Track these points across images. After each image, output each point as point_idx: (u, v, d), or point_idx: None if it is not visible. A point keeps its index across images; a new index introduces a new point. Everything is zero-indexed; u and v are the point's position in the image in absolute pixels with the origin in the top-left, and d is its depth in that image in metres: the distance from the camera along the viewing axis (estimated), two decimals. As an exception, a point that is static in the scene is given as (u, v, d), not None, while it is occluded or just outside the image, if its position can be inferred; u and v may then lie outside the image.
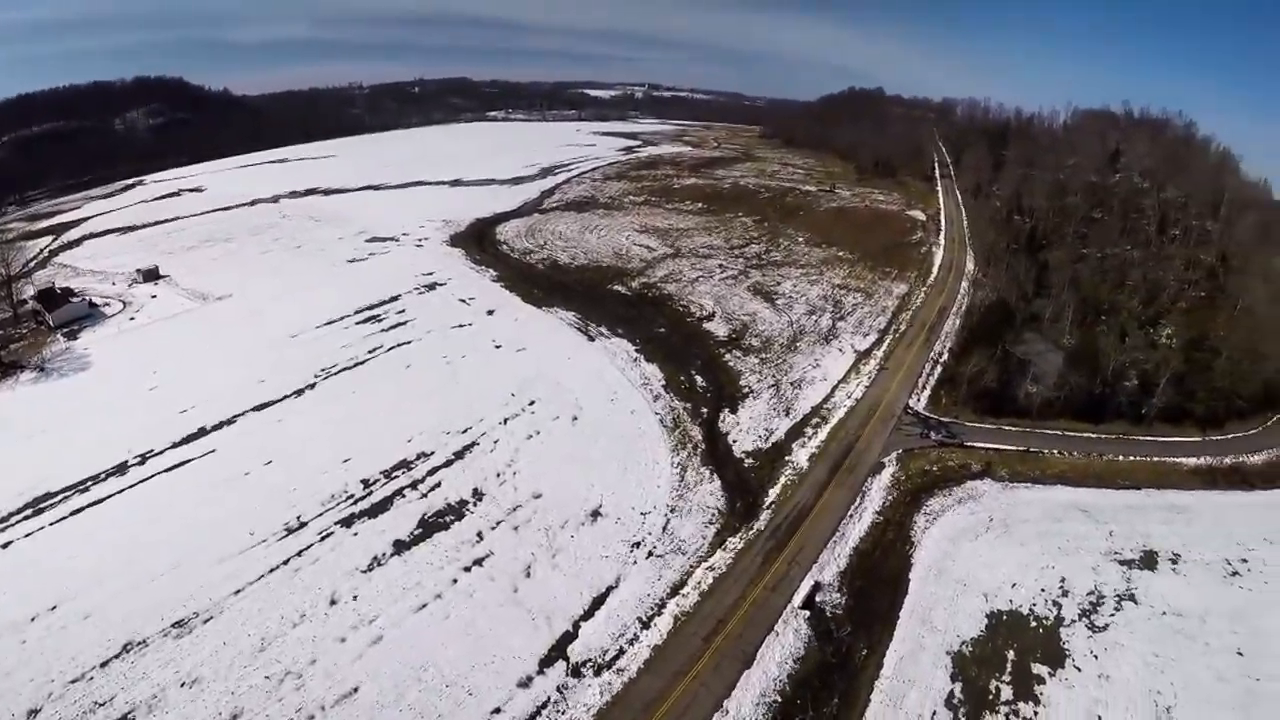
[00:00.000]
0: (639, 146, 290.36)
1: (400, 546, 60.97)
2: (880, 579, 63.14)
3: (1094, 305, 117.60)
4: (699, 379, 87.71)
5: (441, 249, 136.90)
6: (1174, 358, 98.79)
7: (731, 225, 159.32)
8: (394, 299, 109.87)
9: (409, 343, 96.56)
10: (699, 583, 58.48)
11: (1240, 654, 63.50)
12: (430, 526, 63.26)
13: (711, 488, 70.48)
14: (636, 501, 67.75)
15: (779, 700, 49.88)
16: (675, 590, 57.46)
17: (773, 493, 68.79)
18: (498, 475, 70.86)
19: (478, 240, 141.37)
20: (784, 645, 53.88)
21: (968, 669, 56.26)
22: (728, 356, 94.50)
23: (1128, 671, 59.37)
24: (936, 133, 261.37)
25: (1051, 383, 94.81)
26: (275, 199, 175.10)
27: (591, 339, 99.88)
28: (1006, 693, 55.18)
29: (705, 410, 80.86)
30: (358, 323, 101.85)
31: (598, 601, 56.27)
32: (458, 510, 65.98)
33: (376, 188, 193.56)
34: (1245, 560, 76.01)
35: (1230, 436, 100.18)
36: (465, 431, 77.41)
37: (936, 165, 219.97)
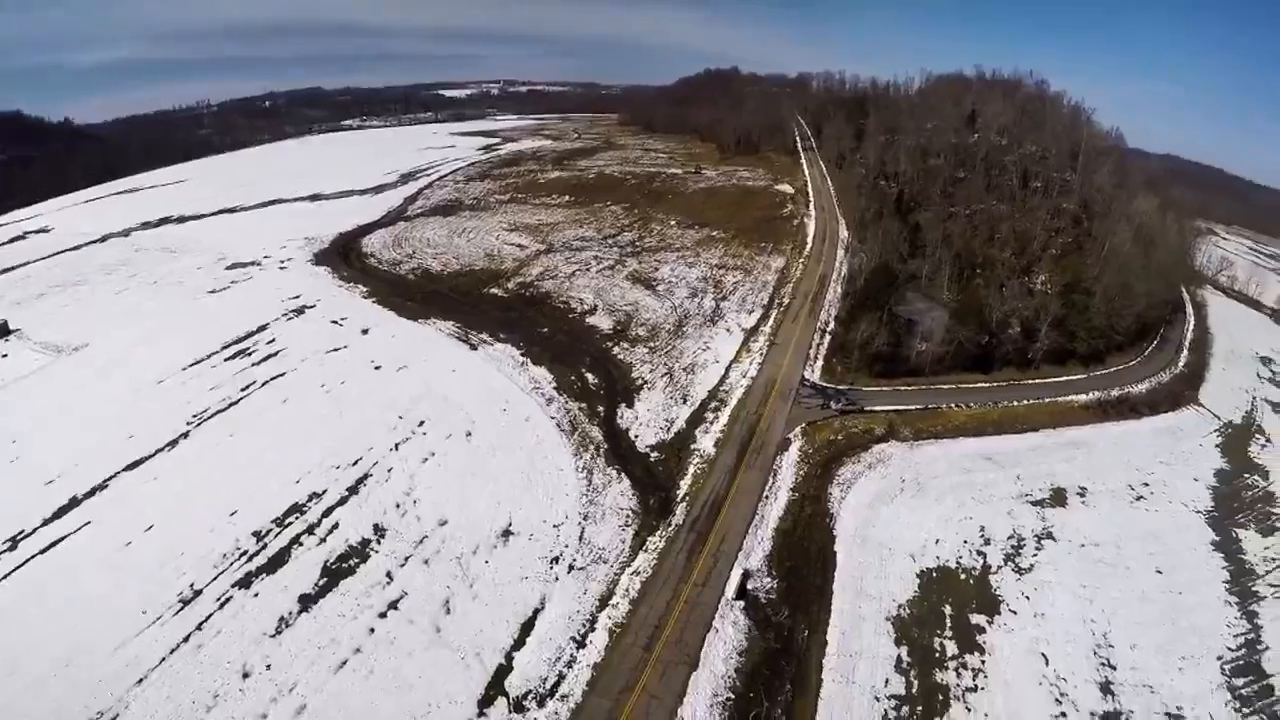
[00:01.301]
0: (499, 144, 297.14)
1: (307, 601, 57.56)
2: (807, 556, 67.15)
3: (969, 260, 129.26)
4: (590, 376, 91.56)
5: (306, 269, 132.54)
6: (1052, 303, 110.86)
7: (601, 215, 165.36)
8: (262, 329, 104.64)
9: (283, 375, 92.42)
10: (627, 590, 59.97)
11: (1159, 572, 71.34)
12: (335, 574, 60.49)
13: (621, 488, 72.95)
14: (547, 514, 68.72)
15: (732, 697, 51.86)
16: (604, 602, 58.68)
17: (684, 484, 71.77)
18: (397, 506, 68.61)
19: (343, 256, 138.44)
20: (726, 640, 56.13)
21: (909, 631, 60.84)
22: (616, 349, 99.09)
23: (1060, 606, 66.10)
24: (795, 107, 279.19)
25: (940, 339, 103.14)
26: (127, 232, 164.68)
27: (474, 348, 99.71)
28: (951, 648, 60.17)
29: (602, 408, 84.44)
30: (226, 359, 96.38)
31: (526, 627, 56.23)
32: (361, 551, 63.10)
33: (233, 210, 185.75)
34: (1147, 484, 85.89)
35: (1113, 370, 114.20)
36: (356, 464, 74.45)
37: (798, 139, 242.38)
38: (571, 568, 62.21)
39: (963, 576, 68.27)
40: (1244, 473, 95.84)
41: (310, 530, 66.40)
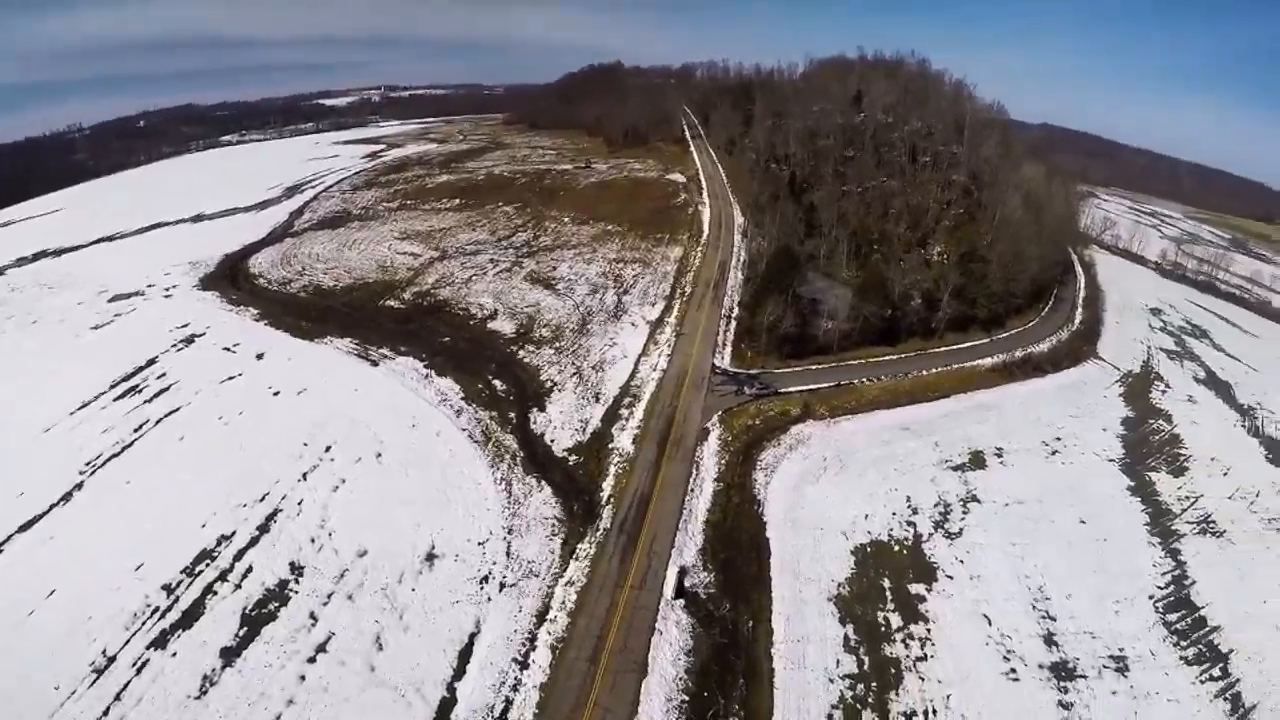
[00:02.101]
0: (384, 150, 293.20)
1: (229, 655, 53.25)
2: (740, 546, 66.51)
3: (865, 237, 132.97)
4: (498, 383, 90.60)
5: (193, 295, 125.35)
6: (951, 272, 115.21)
7: (494, 216, 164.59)
8: (151, 362, 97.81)
9: (177, 410, 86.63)
10: (563, 602, 57.97)
11: (1083, 522, 74.23)
12: (255, 621, 56.23)
13: (543, 496, 71.02)
14: (470, 532, 65.97)
15: (686, 699, 50.50)
16: (541, 618, 56.52)
17: (607, 486, 70.81)
18: (312, 541, 64.76)
19: (231, 278, 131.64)
20: (672, 642, 54.72)
21: (852, 609, 60.94)
22: (521, 353, 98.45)
23: (994, 567, 67.83)
24: (681, 98, 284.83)
25: (845, 316, 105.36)
26: (0, 271, 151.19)
27: (375, 364, 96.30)
28: (896, 620, 60.69)
29: (513, 415, 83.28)
30: (116, 399, 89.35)
31: (464, 654, 53.55)
32: (280, 594, 59.07)
33: (112, 238, 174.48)
34: (1059, 439, 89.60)
35: (1013, 332, 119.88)
36: (263, 499, 70.13)
37: (686, 128, 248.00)
38: (503, 585, 59.74)
39: (896, 548, 69.06)
40: (1148, 419, 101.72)
41: (223, 577, 61.60)
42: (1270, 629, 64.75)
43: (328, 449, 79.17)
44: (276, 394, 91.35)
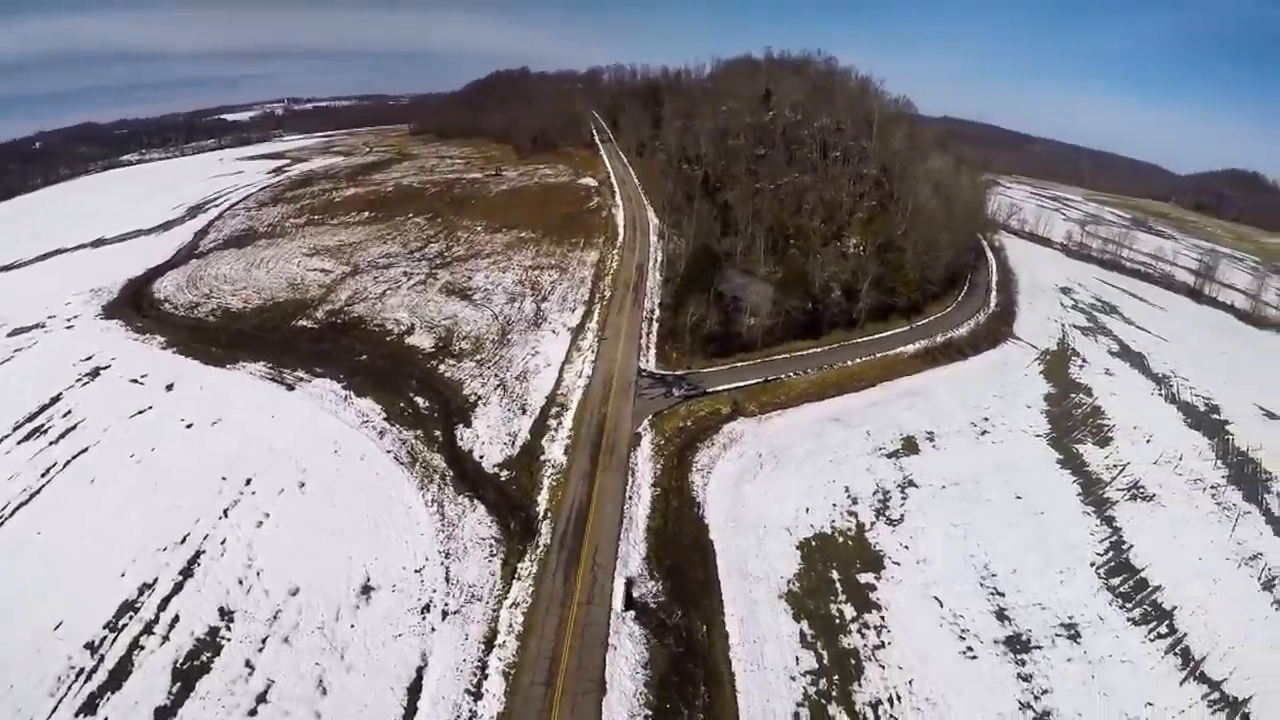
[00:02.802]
0: (289, 165, 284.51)
1: (164, 715, 49.51)
2: (685, 551, 65.38)
3: (781, 233, 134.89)
4: (420, 400, 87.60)
5: (97, 325, 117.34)
6: (869, 263, 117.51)
7: (405, 228, 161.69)
8: (55, 400, 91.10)
9: (86, 450, 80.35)
10: (510, 625, 55.65)
11: (1019, 497, 76.19)
12: (188, 675, 52.22)
13: (477, 515, 68.42)
14: (405, 559, 62.82)
15: (649, 713, 49.04)
16: (490, 644, 54.13)
17: (543, 499, 69.13)
18: (240, 582, 60.30)
19: (135, 305, 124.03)
20: (627, 656, 53.09)
21: (805, 604, 60.64)
22: (442, 367, 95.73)
23: (939, 549, 69.33)
24: (589, 102, 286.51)
25: (767, 312, 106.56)
26: None
27: (291, 388, 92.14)
28: (849, 611, 60.78)
29: (439, 433, 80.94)
30: (19, 442, 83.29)
31: (413, 691, 50.67)
32: (211, 643, 54.78)
33: (8, 268, 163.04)
34: (987, 419, 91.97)
35: (932, 318, 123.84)
36: (184, 541, 65.20)
37: (595, 132, 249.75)
38: (445, 614, 57.01)
39: (840, 540, 69.36)
40: (1070, 394, 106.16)
41: (149, 629, 56.89)
42: (1208, 582, 68.02)
43: (248, 482, 74.66)
44: (190, 426, 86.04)
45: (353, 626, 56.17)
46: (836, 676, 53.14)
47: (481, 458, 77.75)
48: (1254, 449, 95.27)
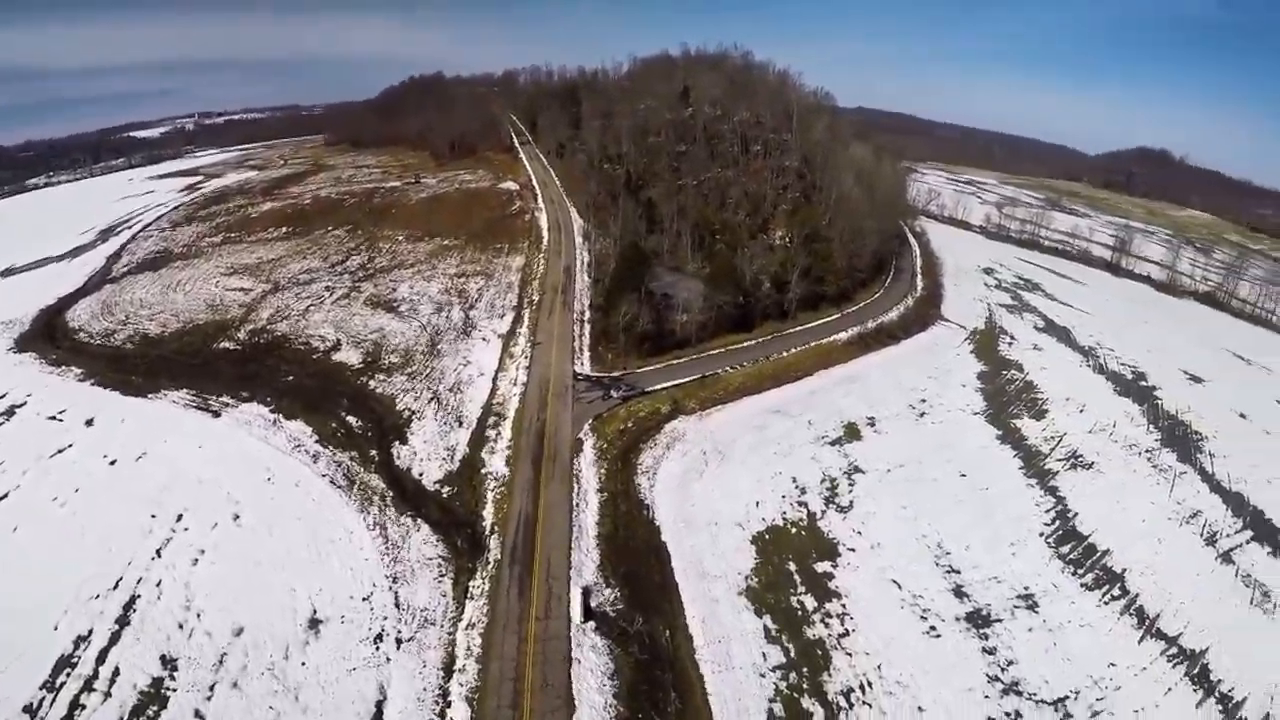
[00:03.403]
0: (202, 182, 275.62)
1: None
2: (639, 555, 64.48)
3: (707, 228, 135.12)
4: (352, 420, 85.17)
5: (9, 359, 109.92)
6: (797, 254, 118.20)
7: (324, 242, 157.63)
8: None
9: (5, 496, 73.81)
10: (469, 648, 53.56)
11: (963, 475, 77.90)
12: None
13: (422, 535, 65.88)
14: (351, 588, 60.00)
15: None
16: (449, 669, 52.03)
17: (488, 514, 67.69)
18: (181, 627, 56.70)
19: (48, 335, 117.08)
20: (593, 669, 51.75)
21: (765, 599, 60.31)
22: (372, 384, 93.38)
23: (891, 532, 70.25)
24: (506, 105, 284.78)
25: (699, 308, 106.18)
26: None
27: (217, 414, 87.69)
28: (810, 602, 60.72)
29: (375, 452, 78.44)
30: None
31: None
32: (157, 695, 51.42)
33: None
34: (924, 400, 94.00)
35: (862, 305, 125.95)
36: (117, 586, 61.09)
37: (514, 135, 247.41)
38: (400, 642, 54.59)
39: (793, 531, 69.48)
40: (1002, 370, 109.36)
41: (88, 686, 52.83)
42: (1153, 543, 70.68)
43: (179, 518, 70.25)
44: (114, 463, 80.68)
45: (304, 664, 53.23)
46: (805, 669, 52.93)
47: (421, 475, 75.25)
48: (1183, 412, 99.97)
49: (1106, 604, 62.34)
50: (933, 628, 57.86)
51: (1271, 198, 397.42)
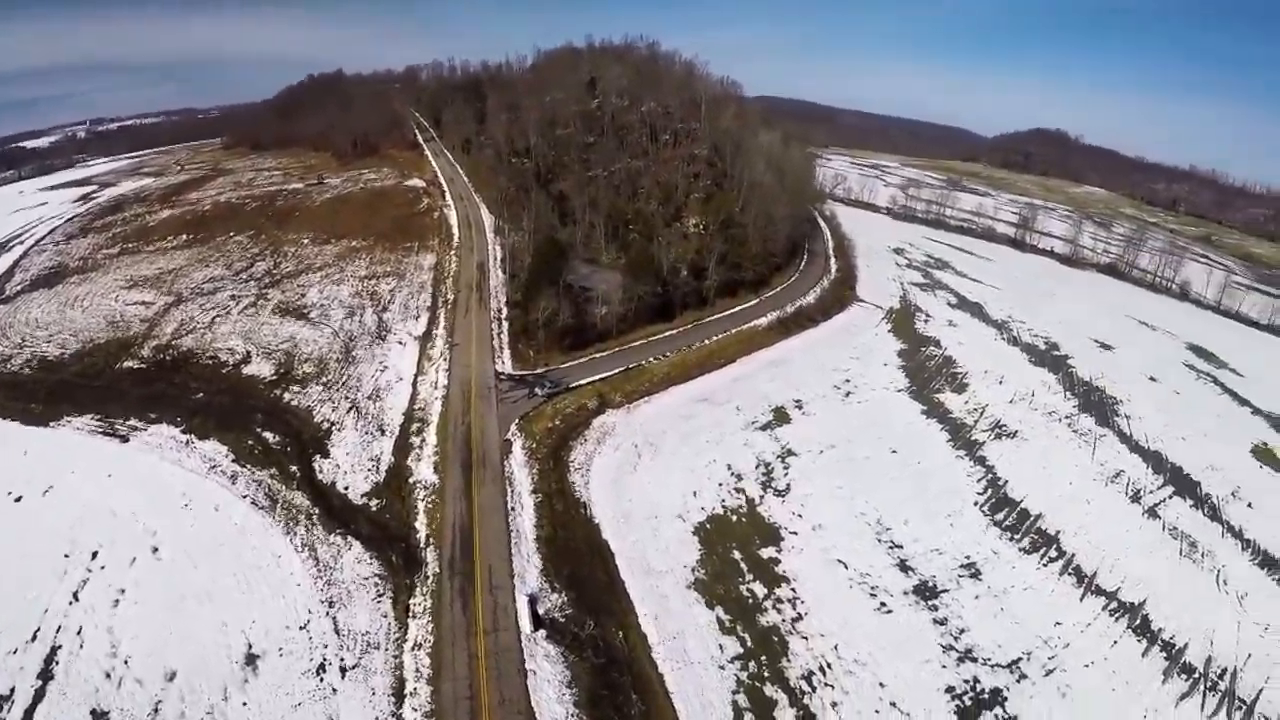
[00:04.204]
0: (96, 192, 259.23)
1: None
2: (581, 556, 63.04)
3: (620, 219, 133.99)
4: (269, 435, 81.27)
5: None
6: (714, 241, 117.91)
7: (227, 248, 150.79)
8: None
9: None
10: (418, 670, 50.97)
11: (894, 451, 79.82)
12: None
13: (355, 554, 62.60)
14: (286, 617, 56.48)
15: None
16: (400, 695, 49.49)
17: (421, 525, 65.24)
18: (108, 676, 52.13)
19: None
20: (549, 679, 50.06)
21: (714, 590, 59.75)
22: (287, 396, 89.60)
23: (830, 512, 71.01)
24: (409, 101, 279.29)
25: (619, 299, 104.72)
26: None
27: (125, 440, 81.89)
28: (760, 589, 60.53)
29: (295, 468, 75.08)
30: None
31: None
32: None
33: None
34: (848, 380, 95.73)
35: (779, 289, 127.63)
36: (35, 638, 55.79)
37: (418, 131, 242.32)
38: (344, 670, 51.57)
39: (734, 519, 69.31)
40: (920, 347, 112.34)
41: None
42: (1082, 504, 73.75)
43: (94, 555, 64.66)
44: (19, 500, 73.93)
45: (245, 704, 49.59)
46: (764, 657, 52.66)
47: (347, 489, 71.76)
48: (1096, 378, 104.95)
49: (1045, 566, 64.54)
50: (883, 604, 58.57)
51: (1164, 173, 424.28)
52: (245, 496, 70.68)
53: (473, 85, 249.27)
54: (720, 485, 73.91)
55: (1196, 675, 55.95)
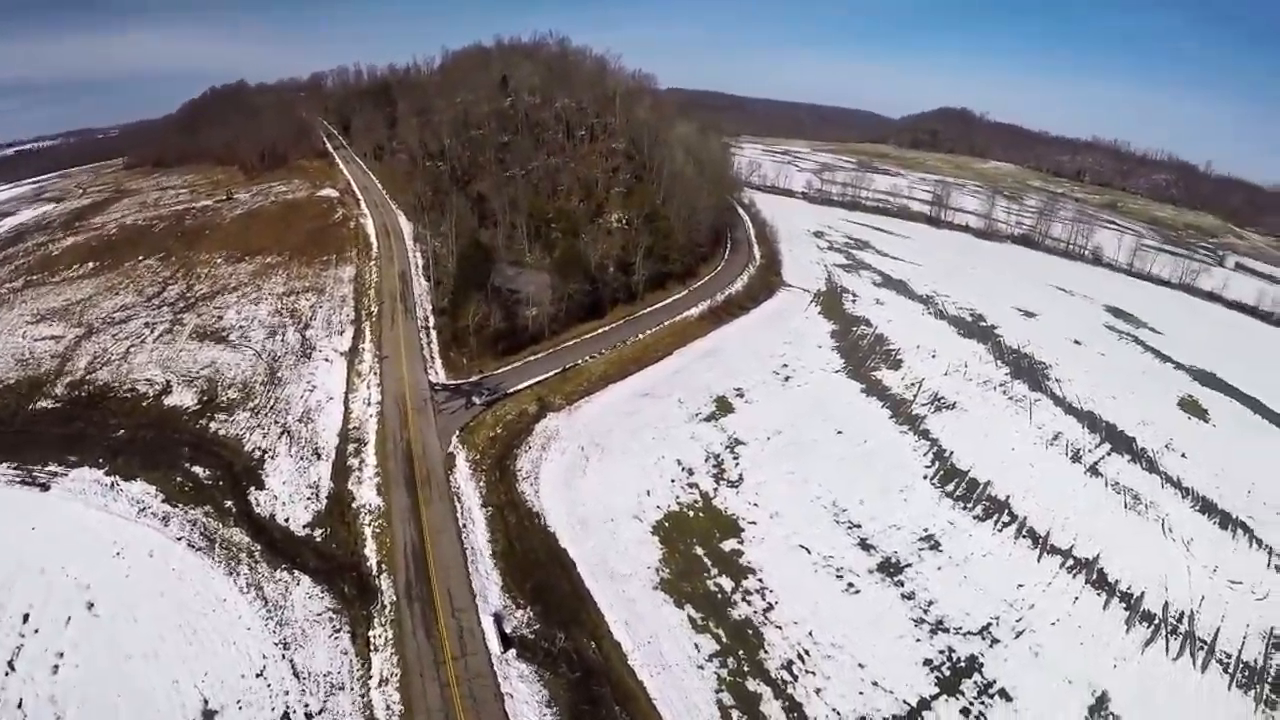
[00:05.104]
0: None
1: None
2: (542, 567, 61.19)
3: (542, 218, 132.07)
4: (199, 470, 75.98)
5: None
6: (640, 235, 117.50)
7: (137, 273, 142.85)
8: None
9: None
10: (388, 708, 48.30)
11: (840, 433, 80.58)
12: None
13: (304, 589, 59.19)
14: (239, 666, 52.69)
15: None
16: None
17: (371, 552, 62.25)
18: None
19: None
20: (527, 700, 48.27)
21: (681, 589, 58.94)
22: (214, 425, 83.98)
23: (786, 499, 71.17)
24: (316, 109, 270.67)
25: (549, 299, 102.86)
26: None
27: (46, 488, 75.41)
28: (726, 584, 59.90)
29: (230, 502, 70.47)
30: None
31: None
32: None
33: None
34: (786, 365, 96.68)
35: (706, 279, 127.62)
36: None
37: (326, 140, 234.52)
38: (310, 717, 48.53)
39: (691, 514, 68.64)
40: (851, 327, 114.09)
41: None
42: (1026, 468, 76.11)
43: (25, 619, 59.14)
44: None
45: None
46: (741, 651, 52.20)
47: (287, 520, 67.91)
48: (1024, 345, 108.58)
49: (1000, 531, 66.22)
50: (850, 585, 58.92)
51: (1068, 145, 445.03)
52: (180, 538, 66.21)
53: (381, 89, 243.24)
54: (673, 481, 73.14)
55: (1157, 621, 58.53)
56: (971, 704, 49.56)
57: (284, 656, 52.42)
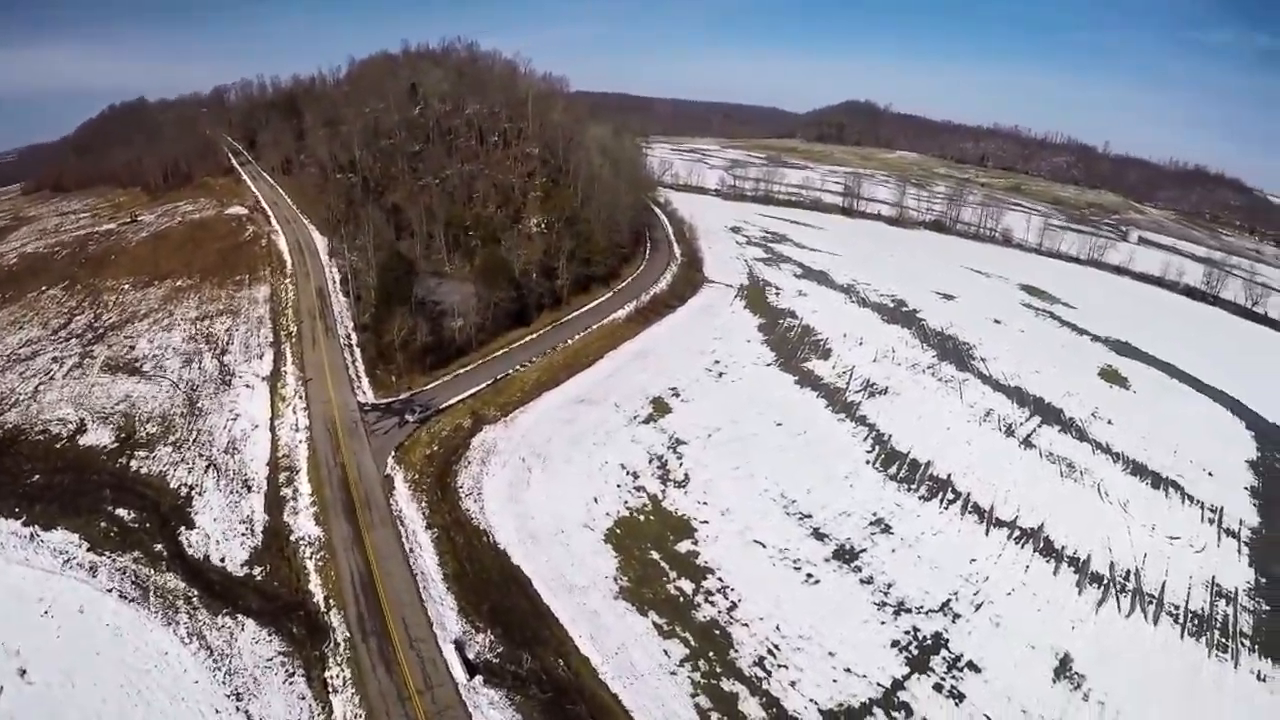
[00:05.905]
0: None
1: None
2: (496, 587, 59.30)
3: (460, 226, 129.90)
4: (124, 513, 70.61)
5: None
6: (562, 239, 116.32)
7: (40, 305, 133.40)
8: None
9: None
10: None
11: (779, 424, 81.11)
12: None
13: (250, 634, 55.41)
14: None
15: None
16: None
17: (316, 587, 59.07)
18: None
19: None
20: None
21: (643, 595, 58.23)
22: (134, 463, 78.93)
23: (734, 495, 71.34)
24: (219, 124, 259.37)
25: (473, 310, 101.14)
26: None
27: None
28: (687, 586, 59.34)
29: (160, 546, 65.53)
30: None
31: None
32: None
33: None
34: (718, 361, 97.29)
35: (630, 280, 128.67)
36: None
37: (232, 156, 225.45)
38: None
39: (641, 518, 68.05)
40: (778, 320, 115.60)
41: None
42: (963, 446, 78.39)
43: None
44: None
45: None
46: (711, 652, 51.81)
47: (223, 560, 63.88)
48: (947, 328, 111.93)
49: (946, 509, 68.05)
50: (809, 575, 59.36)
51: (969, 132, 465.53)
52: (111, 589, 61.43)
53: (287, 101, 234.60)
54: (619, 487, 72.36)
55: (1106, 582, 61.27)
56: (943, 679, 50.61)
57: (238, 709, 49.09)
